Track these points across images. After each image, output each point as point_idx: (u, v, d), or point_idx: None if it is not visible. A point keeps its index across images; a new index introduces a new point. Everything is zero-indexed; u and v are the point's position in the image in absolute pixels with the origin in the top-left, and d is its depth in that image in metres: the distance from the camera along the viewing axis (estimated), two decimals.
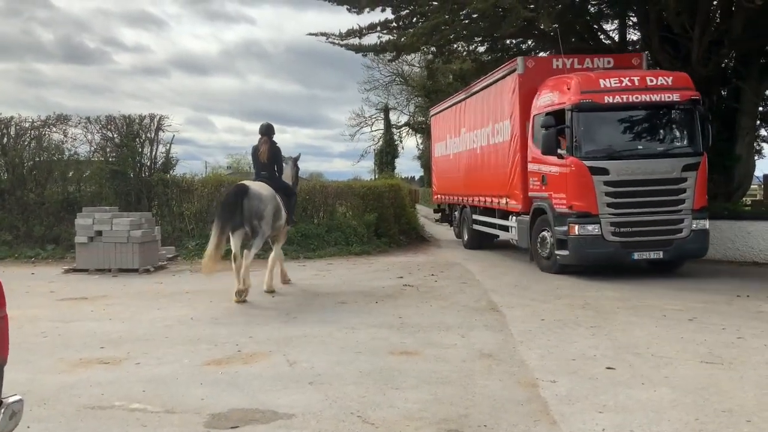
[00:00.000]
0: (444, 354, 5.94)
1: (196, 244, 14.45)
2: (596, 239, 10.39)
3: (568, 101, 10.61)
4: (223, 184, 15.52)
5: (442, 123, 18.86)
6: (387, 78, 48.68)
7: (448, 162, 18.18)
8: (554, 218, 10.94)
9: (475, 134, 15.44)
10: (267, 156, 9.65)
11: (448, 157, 18.18)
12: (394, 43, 16.81)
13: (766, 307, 8.30)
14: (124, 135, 15.42)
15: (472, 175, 15.63)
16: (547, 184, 11.26)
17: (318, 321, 7.46)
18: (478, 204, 15.20)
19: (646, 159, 10.53)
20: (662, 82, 10.74)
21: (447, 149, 18.28)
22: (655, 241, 10.53)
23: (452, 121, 17.56)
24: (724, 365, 5.50)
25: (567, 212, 10.65)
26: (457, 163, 16.99)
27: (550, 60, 12.90)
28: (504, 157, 13.28)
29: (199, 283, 10.59)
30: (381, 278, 11.13)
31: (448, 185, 18.31)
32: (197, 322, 7.44)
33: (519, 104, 12.29)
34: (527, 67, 12.31)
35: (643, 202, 10.48)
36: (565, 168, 10.69)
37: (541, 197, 11.56)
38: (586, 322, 7.32)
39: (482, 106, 14.80)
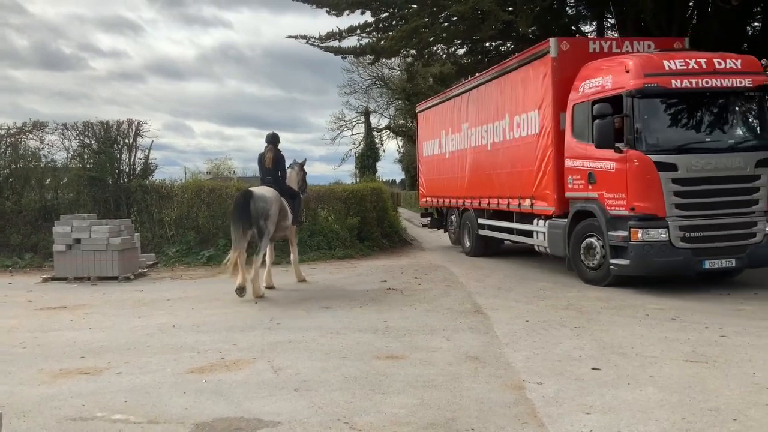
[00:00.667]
0: (430, 357, 5.92)
1: (177, 251, 14.34)
2: (664, 246, 9.02)
3: (629, 85, 9.27)
4: (203, 190, 15.42)
5: (434, 119, 17.51)
6: (367, 81, 48.83)
7: (441, 162, 16.85)
8: (607, 222, 9.58)
9: (483, 129, 14.09)
10: (272, 162, 10.53)
11: (441, 157, 16.83)
12: (374, 46, 16.83)
13: (746, 305, 8.38)
14: (101, 141, 15.26)
15: (479, 175, 14.31)
16: (597, 182, 9.87)
17: (302, 326, 7.41)
18: (487, 207, 13.93)
19: (717, 153, 9.24)
20: (731, 65, 9.44)
21: (441, 148, 16.90)
22: (728, 247, 9.21)
23: (448, 116, 16.19)
24: (709, 364, 5.54)
25: (626, 215, 9.31)
26: (456, 162, 15.64)
27: (586, 42, 11.51)
28: (529, 154, 11.85)
29: (180, 290, 10.49)
30: (365, 282, 11.09)
31: (442, 187, 16.87)
32: (179, 330, 7.35)
33: (552, 92, 10.87)
34: (561, 50, 10.85)
35: (715, 203, 9.22)
36: (625, 163, 9.29)
37: (584, 198, 10.21)
38: (570, 323, 7.34)
39: (495, 97, 13.42)
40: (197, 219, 14.98)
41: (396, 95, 48.82)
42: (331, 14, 16.71)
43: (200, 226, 14.91)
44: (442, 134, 16.76)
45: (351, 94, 49.97)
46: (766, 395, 4.67)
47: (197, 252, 14.32)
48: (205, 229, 14.86)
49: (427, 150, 18.19)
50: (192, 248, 14.46)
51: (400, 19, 16.57)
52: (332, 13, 16.68)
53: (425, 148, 18.36)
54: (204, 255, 14.12)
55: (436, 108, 17.35)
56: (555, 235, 11.05)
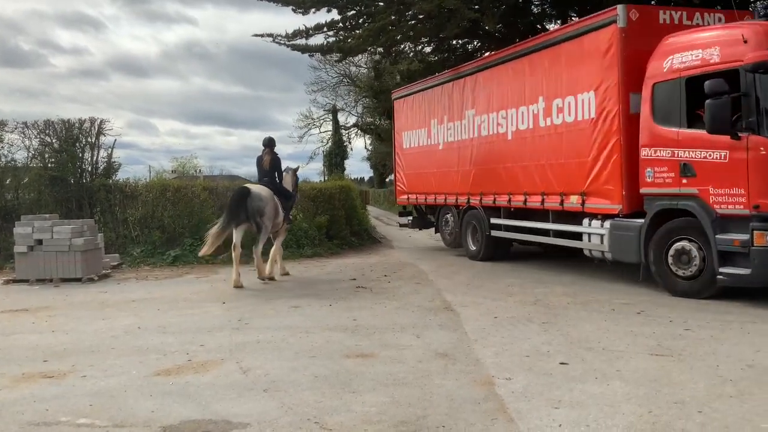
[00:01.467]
0: (400, 355, 5.92)
1: (142, 251, 14.11)
2: None
3: (749, 58, 7.80)
4: (169, 189, 15.20)
5: (419, 107, 15.77)
6: (334, 79, 48.60)
7: (431, 154, 15.21)
8: (713, 223, 8.11)
9: (499, 116, 12.43)
10: (269, 164, 11.32)
11: (431, 148, 15.19)
12: (341, 44, 16.79)
13: (709, 299, 8.54)
14: (63, 140, 14.92)
15: (493, 168, 12.66)
16: (696, 175, 8.38)
17: (271, 326, 7.35)
18: (505, 204, 12.28)
19: None
20: None
21: (430, 138, 15.23)
22: None
23: (443, 102, 14.59)
24: (674, 357, 5.64)
25: (745, 214, 7.83)
26: (455, 153, 14.07)
27: (656, 12, 9.98)
28: (579, 142, 10.45)
29: (146, 291, 10.32)
30: (334, 281, 11.06)
31: (431, 182, 15.15)
32: (145, 332, 7.24)
33: (620, 69, 9.49)
34: (630, 18, 9.44)
35: None
36: (746, 152, 7.79)
37: (673, 194, 8.76)
38: (538, 319, 7.41)
39: (521, 77, 11.86)
40: (162, 219, 14.75)
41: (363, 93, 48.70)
42: (297, 12, 16.63)
43: (166, 225, 14.68)
44: (433, 123, 15.06)
45: (318, 92, 49.73)
46: (730, 387, 4.77)
47: (163, 252, 14.11)
48: (171, 229, 14.64)
49: (408, 141, 16.43)
50: (157, 248, 14.24)
51: (367, 17, 16.57)
52: (298, 12, 16.61)
53: (406, 139, 16.54)
54: (170, 255, 13.92)
55: (422, 94, 15.62)
56: (624, 238, 9.46)
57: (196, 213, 14.88)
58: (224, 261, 13.88)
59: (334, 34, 17.10)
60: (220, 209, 13.37)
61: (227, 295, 9.62)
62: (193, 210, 14.89)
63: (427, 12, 15.06)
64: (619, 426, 4.05)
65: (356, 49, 16.94)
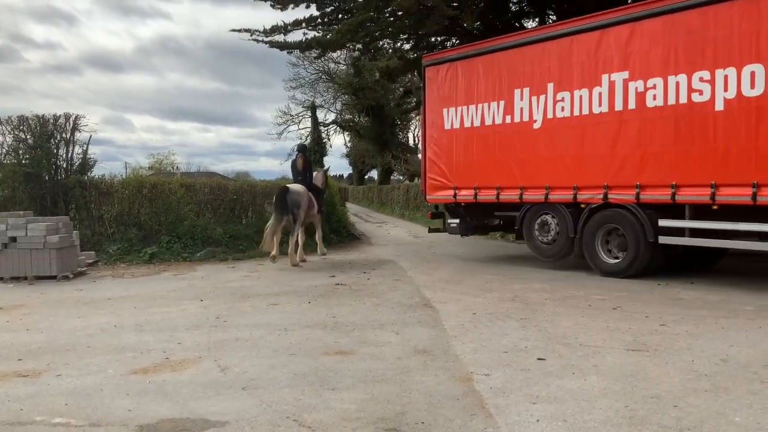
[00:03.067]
0: (379, 352, 5.92)
1: (118, 249, 13.95)
2: None
3: None
4: (145, 185, 15.05)
5: (485, 74, 12.36)
6: (313, 75, 48.49)
7: (513, 136, 11.85)
8: None
9: (702, 77, 9.29)
10: (302, 166, 13.51)
11: (513, 129, 11.85)
12: (320, 40, 16.73)
13: (684, 294, 8.69)
14: (37, 136, 14.68)
15: (689, 151, 9.45)
16: None
17: (249, 324, 7.31)
18: (708, 201, 9.23)
19: None
20: None
21: (512, 114, 11.86)
22: None
23: (547, 66, 11.28)
24: (650, 352, 5.71)
25: None
26: (575, 133, 10.86)
27: None
28: None
29: (122, 289, 10.21)
30: (313, 278, 11.03)
31: (511, 172, 11.87)
32: (121, 330, 7.15)
33: None
34: None
35: None
36: None
37: None
38: (516, 315, 7.46)
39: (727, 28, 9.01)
40: (139, 216, 14.61)
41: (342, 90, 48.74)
42: (275, 8, 16.55)
43: (142, 222, 14.55)
44: (517, 94, 11.74)
45: (297, 89, 49.55)
46: (705, 382, 4.84)
47: (139, 249, 13.97)
48: (148, 226, 14.51)
49: (456, 120, 12.98)
50: (134, 246, 14.10)
51: (346, 13, 16.53)
52: (277, 7, 16.53)
53: (450, 117, 13.11)
54: (146, 252, 13.79)
55: (493, 57, 12.29)
56: None
57: (173, 210, 14.77)
58: (201, 259, 13.80)
59: (312, 30, 17.05)
60: (198, 206, 14.52)
61: (205, 293, 9.55)
62: (170, 207, 14.77)
63: (406, 9, 15.08)
64: (596, 420, 4.09)
65: (335, 44, 16.89)
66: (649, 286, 9.37)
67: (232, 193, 16.14)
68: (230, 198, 16.00)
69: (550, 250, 11.51)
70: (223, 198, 15.89)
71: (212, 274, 11.82)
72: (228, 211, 15.90)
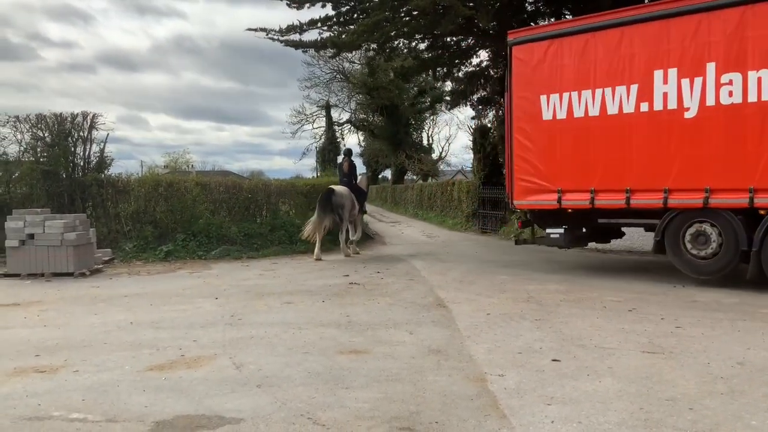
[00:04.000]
0: (393, 351, 5.92)
1: (134, 246, 14.07)
2: None
3: None
4: (161, 184, 15.15)
5: (607, 52, 10.30)
6: (328, 75, 48.65)
7: (650, 127, 9.86)
8: None
9: None
10: (347, 169, 14.72)
11: (649, 118, 9.85)
12: (335, 40, 16.74)
13: (700, 296, 8.62)
14: (55, 134, 14.82)
15: None
16: None
17: (264, 322, 7.34)
18: None
19: None
20: None
21: (653, 101, 9.84)
22: None
23: (709, 40, 9.29)
24: (665, 354, 5.67)
25: None
26: (754, 123, 8.92)
27: None
28: None
29: (138, 286, 10.29)
30: (327, 277, 11.06)
31: (645, 171, 9.91)
32: (137, 327, 7.21)
33: None
34: None
35: None
36: None
37: None
38: (530, 316, 7.44)
39: None
40: (155, 213, 14.72)
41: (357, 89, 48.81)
42: (291, 7, 16.60)
43: (158, 220, 14.66)
44: (665, 76, 9.71)
45: (311, 88, 49.76)
46: (721, 385, 4.80)
47: (155, 247, 14.07)
48: (163, 224, 14.62)
49: (560, 109, 10.83)
50: (149, 243, 14.21)
51: (362, 13, 16.52)
52: (292, 6, 16.57)
53: (551, 105, 10.93)
54: (162, 250, 13.89)
55: (619, 32, 10.23)
56: None
57: (188, 208, 14.87)
58: (216, 257, 13.87)
59: (328, 29, 17.06)
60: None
61: (220, 291, 9.60)
62: (185, 205, 14.87)
63: (422, 8, 15.06)
64: (610, 422, 4.07)
65: (350, 44, 16.89)
66: (664, 288, 9.30)
67: (247, 192, 16.22)
68: (245, 197, 16.08)
69: (708, 266, 9.46)
70: (237, 196, 15.97)
71: (227, 272, 11.88)
72: (243, 209, 15.98)
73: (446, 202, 27.13)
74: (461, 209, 24.02)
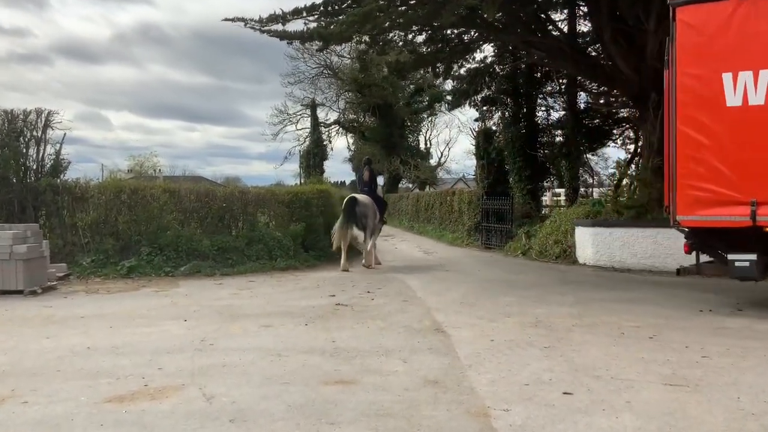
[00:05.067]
0: (384, 382, 5.91)
1: (92, 261, 14.00)
2: None
3: None
4: (124, 190, 15.11)
5: None
6: (314, 70, 48.82)
7: None
8: None
9: None
10: (368, 178, 16.32)
11: None
12: (322, 31, 16.79)
13: (730, 322, 8.64)
14: (5, 133, 14.78)
15: None
16: None
17: (239, 348, 7.31)
18: None
19: None
20: None
21: None
22: None
23: None
24: (690, 387, 5.68)
25: None
26: None
27: None
28: None
29: (97, 306, 10.24)
30: (310, 297, 11.04)
31: None
32: (95, 353, 7.17)
33: None
34: None
35: None
36: None
37: None
38: (539, 343, 7.44)
39: None
40: (116, 224, 14.66)
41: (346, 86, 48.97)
42: None
43: (120, 232, 14.60)
44: None
45: (295, 84, 49.86)
46: (753, 422, 4.81)
47: (116, 262, 14.02)
48: (126, 236, 14.56)
49: (758, 90, 9.07)
50: (110, 258, 14.15)
51: (352, 2, 16.59)
52: None
53: (748, 86, 9.15)
54: (124, 266, 13.83)
55: None
56: None
57: (154, 218, 14.82)
58: (185, 273, 13.83)
59: (314, 19, 17.11)
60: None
61: (189, 312, 9.56)
62: (151, 215, 14.82)
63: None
64: None
65: (339, 36, 16.94)
66: (690, 312, 9.33)
67: (221, 201, 16.18)
68: (219, 206, 16.04)
69: None
70: (210, 206, 15.93)
71: (198, 291, 11.84)
72: (216, 220, 15.95)
73: (445, 213, 27.21)
74: (462, 222, 24.09)
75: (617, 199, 16.91)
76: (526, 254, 18.05)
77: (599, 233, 15.48)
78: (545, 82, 24.96)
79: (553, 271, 14.45)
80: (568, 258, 16.47)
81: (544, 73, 24.36)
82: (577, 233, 16.40)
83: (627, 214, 15.55)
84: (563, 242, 16.97)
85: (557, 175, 25.43)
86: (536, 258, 17.31)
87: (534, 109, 24.84)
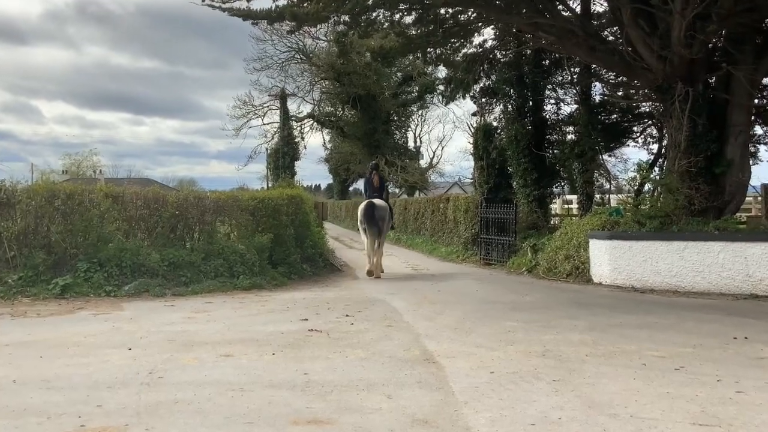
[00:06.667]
0: (365, 422, 5.90)
1: (19, 278, 13.88)
2: None
3: None
4: (58, 195, 15.02)
5: None
6: (284, 54, 48.87)
7: None
8: None
9: None
10: (378, 183, 18.70)
11: None
12: (294, 9, 16.80)
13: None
14: None
15: None
16: None
17: (193, 381, 7.28)
18: None
19: None
20: None
21: None
22: None
23: None
24: (723, 427, 5.71)
25: None
26: None
27: None
28: None
29: (24, 331, 10.16)
30: (279, 321, 11.02)
31: None
32: (22, 387, 7.11)
33: None
34: None
35: None
36: None
37: None
38: (547, 375, 7.46)
39: None
40: (49, 235, 14.57)
41: (322, 74, 49.06)
42: None
43: (53, 244, 14.50)
44: None
45: (262, 71, 50.02)
46: None
47: (48, 280, 13.92)
48: (60, 249, 14.47)
49: None
50: (41, 274, 14.04)
51: None
52: None
53: None
54: (57, 284, 13.74)
55: None
56: None
57: (94, 228, 14.74)
58: (130, 293, 13.77)
59: None
60: None
61: (134, 340, 9.51)
62: (90, 224, 14.73)
63: None
64: None
65: (314, 16, 16.95)
66: (722, 339, 9.39)
67: (174, 208, 16.11)
68: (171, 214, 15.98)
69: None
70: (161, 213, 15.87)
71: (145, 314, 11.78)
72: (167, 230, 15.88)
73: (438, 223, 27.28)
74: (457, 233, 24.17)
75: (638, 208, 16.98)
76: (532, 271, 18.13)
77: (617, 247, 15.57)
78: (554, 70, 24.99)
79: (563, 292, 14.50)
80: (581, 276, 16.54)
81: (553, 61, 24.40)
82: (591, 247, 16.48)
83: (649, 225, 15.61)
84: (575, 258, 17.04)
85: (568, 179, 25.49)
86: (544, 276, 17.39)
87: (541, 102, 24.84)
